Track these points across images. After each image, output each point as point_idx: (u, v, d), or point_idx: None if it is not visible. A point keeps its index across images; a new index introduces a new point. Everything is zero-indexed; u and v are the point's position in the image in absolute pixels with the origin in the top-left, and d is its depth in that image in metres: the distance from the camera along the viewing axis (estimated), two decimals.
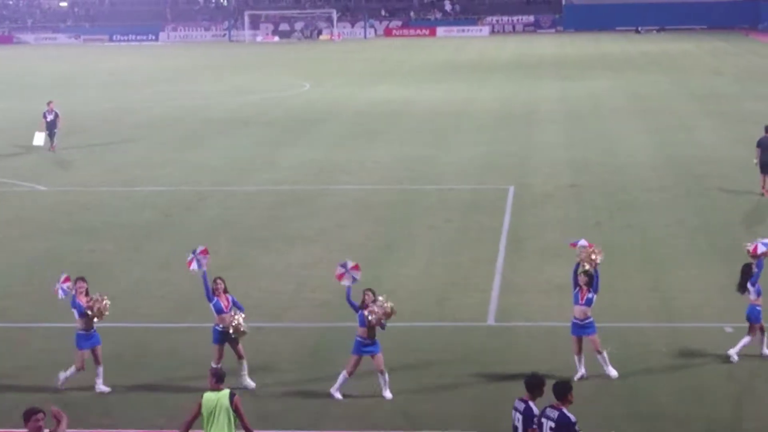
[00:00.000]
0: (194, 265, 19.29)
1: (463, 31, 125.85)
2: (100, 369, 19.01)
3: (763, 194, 33.31)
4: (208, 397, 14.62)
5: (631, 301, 23.27)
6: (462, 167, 39.62)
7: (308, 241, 29.19)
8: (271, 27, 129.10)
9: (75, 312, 18.98)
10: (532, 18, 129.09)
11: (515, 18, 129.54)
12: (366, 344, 18.40)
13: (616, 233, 29.36)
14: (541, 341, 21.04)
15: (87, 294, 18.95)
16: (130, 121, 54.72)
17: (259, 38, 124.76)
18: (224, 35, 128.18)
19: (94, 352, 18.98)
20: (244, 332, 18.70)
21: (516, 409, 13.82)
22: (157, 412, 17.98)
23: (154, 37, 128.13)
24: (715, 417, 17.43)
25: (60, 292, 19.18)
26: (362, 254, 27.77)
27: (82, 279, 19.14)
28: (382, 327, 18.36)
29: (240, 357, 18.98)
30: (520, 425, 13.72)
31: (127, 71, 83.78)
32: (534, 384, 13.85)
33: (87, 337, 18.97)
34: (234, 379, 18.40)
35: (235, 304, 19.08)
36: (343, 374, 18.50)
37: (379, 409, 17.90)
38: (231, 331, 18.60)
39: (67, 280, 19.25)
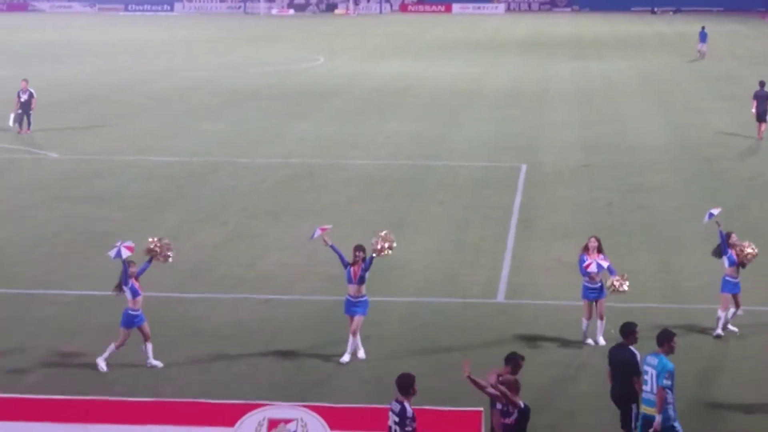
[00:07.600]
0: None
1: (479, 8, 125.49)
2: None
3: (758, 139, 39.16)
4: None
5: (640, 281, 23.22)
6: (473, 144, 39.56)
7: (318, 215, 29.13)
8: (286, 0, 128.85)
9: (127, 292, 18.61)
10: None
11: None
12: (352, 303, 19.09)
13: (627, 214, 29.36)
14: (550, 319, 21.07)
15: None
16: (143, 90, 54.72)
17: (274, 11, 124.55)
18: (239, 7, 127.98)
19: (141, 329, 18.74)
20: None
21: (392, 410, 13.62)
22: (161, 382, 18.03)
23: (169, 8, 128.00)
24: (716, 395, 17.43)
25: (116, 251, 18.59)
26: (372, 229, 27.75)
27: None
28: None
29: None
30: (396, 427, 13.46)
31: (141, 41, 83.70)
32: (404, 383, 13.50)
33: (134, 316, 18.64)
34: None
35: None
36: None
37: (384, 382, 17.90)
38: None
39: (130, 248, 18.66)
